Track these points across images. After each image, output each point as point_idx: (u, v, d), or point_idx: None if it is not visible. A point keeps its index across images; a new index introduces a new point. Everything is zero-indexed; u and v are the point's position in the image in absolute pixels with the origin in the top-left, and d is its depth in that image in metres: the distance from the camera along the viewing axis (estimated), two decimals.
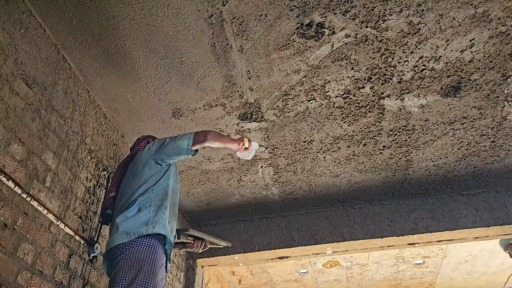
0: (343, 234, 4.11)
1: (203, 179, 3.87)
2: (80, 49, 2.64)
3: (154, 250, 1.99)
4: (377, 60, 2.67)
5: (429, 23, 2.43)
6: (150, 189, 2.20)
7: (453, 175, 3.74)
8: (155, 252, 1.99)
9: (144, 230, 2.01)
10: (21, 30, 2.26)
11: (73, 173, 2.60)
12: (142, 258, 1.93)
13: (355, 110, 3.05)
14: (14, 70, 2.16)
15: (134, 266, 1.90)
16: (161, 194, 2.21)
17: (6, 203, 1.99)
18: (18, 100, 2.17)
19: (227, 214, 4.45)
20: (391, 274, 6.29)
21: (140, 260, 1.92)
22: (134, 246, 1.96)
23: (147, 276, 1.88)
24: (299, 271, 6.14)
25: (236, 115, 3.12)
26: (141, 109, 3.10)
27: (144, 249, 1.96)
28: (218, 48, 2.60)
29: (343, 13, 2.38)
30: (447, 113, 3.06)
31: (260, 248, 4.26)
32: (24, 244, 2.09)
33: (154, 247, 2.00)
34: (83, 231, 2.64)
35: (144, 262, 1.92)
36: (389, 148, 3.42)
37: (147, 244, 1.99)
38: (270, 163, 3.64)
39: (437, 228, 3.87)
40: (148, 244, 1.99)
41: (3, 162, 2.00)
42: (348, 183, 3.90)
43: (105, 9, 2.38)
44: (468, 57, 2.63)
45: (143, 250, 1.96)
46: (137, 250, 1.95)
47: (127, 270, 1.89)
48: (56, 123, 2.48)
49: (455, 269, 6.13)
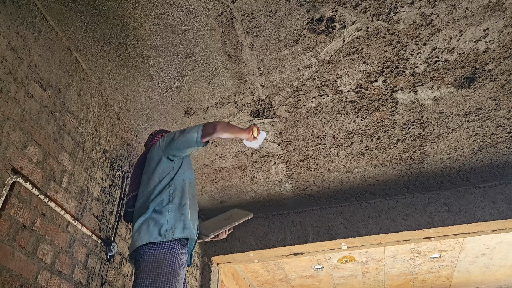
0: (358, 229, 4.09)
1: (216, 176, 3.89)
2: (92, 51, 2.66)
3: (175, 251, 2.02)
4: (389, 53, 2.64)
5: (441, 14, 2.39)
6: (167, 187, 2.20)
7: (469, 167, 3.69)
8: (175, 253, 2.01)
9: (164, 237, 2.01)
10: (34, 33, 2.29)
11: (89, 174, 2.63)
12: (162, 260, 1.96)
13: (367, 104, 3.02)
14: (29, 73, 2.19)
15: (155, 268, 1.93)
16: (179, 191, 2.21)
17: (24, 204, 2.03)
18: (33, 103, 2.20)
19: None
20: (407, 269, 6.24)
21: (160, 262, 1.95)
22: (154, 248, 1.99)
23: (167, 277, 1.92)
24: (314, 267, 6.13)
25: (248, 112, 3.12)
26: (154, 108, 3.11)
27: (164, 250, 1.99)
28: (228, 45, 2.60)
29: (354, 6, 2.36)
30: (461, 105, 3.02)
31: (275, 245, 4.26)
32: (43, 244, 2.12)
33: (175, 248, 2.03)
34: (99, 230, 2.67)
35: (164, 264, 1.94)
36: (403, 141, 3.39)
37: (168, 246, 2.01)
38: (283, 160, 3.64)
39: (453, 222, 3.83)
40: (168, 246, 2.02)
41: (21, 164, 2.03)
42: (362, 178, 3.88)
43: (116, 11, 2.40)
44: (482, 48, 2.59)
45: (164, 252, 1.98)
46: (157, 252, 1.98)
47: (148, 272, 1.93)
48: (70, 124, 2.51)
49: (473, 262, 6.05)
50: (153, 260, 1.95)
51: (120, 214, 2.93)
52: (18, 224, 1.97)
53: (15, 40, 2.12)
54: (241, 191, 4.12)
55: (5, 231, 1.88)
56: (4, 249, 1.86)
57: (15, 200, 1.96)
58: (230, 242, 4.41)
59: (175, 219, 2.10)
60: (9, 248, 1.89)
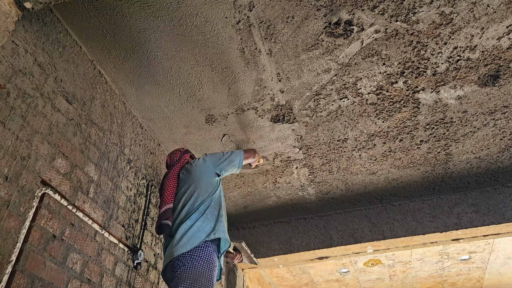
0: (383, 232, 4.04)
1: (239, 182, 3.91)
2: (114, 63, 2.73)
3: (212, 261, 2.14)
4: (409, 54, 2.61)
5: (462, 12, 2.35)
6: (209, 199, 2.40)
7: (497, 166, 3.60)
8: (213, 265, 2.14)
9: (206, 237, 2.20)
10: (59, 49, 2.37)
11: (114, 183, 2.69)
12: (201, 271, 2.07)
13: (388, 105, 2.99)
14: (55, 87, 2.27)
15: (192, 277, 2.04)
16: (217, 204, 2.43)
17: (54, 215, 2.09)
18: (60, 116, 2.27)
19: (264, 216, 4.47)
20: (436, 271, 6.11)
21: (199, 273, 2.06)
22: (194, 258, 2.10)
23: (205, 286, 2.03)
24: (340, 270, 6.07)
25: (268, 118, 3.14)
26: (175, 117, 3.16)
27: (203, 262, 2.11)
28: (247, 52, 2.62)
29: (371, 8, 2.35)
30: (486, 103, 2.95)
31: (299, 249, 4.25)
32: (72, 253, 2.18)
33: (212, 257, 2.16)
34: (126, 239, 2.72)
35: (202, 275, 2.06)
36: (426, 142, 3.33)
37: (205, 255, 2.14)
38: (304, 164, 3.63)
39: (482, 223, 3.73)
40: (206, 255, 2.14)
41: (49, 176, 2.10)
42: (386, 180, 3.83)
43: (136, 23, 2.45)
44: (506, 44, 2.53)
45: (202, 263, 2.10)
46: (196, 263, 2.09)
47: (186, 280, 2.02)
48: (96, 135, 2.57)
49: (504, 263, 5.88)
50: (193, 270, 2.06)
51: (145, 222, 2.98)
52: (49, 235, 2.03)
53: (41, 57, 2.19)
54: (264, 196, 4.13)
55: (36, 242, 1.95)
56: (36, 259, 1.93)
57: (45, 211, 2.03)
58: (254, 247, 4.42)
59: (215, 225, 2.32)
60: (40, 257, 1.95)
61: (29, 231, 1.91)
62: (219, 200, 2.48)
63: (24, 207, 1.90)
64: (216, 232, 2.28)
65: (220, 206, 2.46)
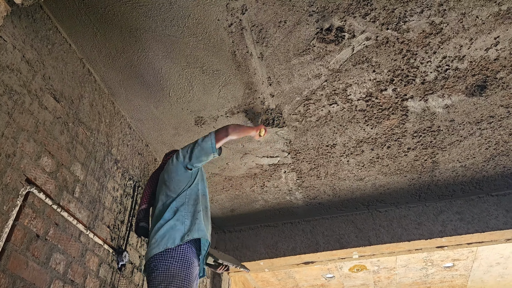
0: (369, 238, 4.06)
1: (226, 185, 3.90)
2: (104, 62, 2.70)
3: (187, 260, 2.06)
4: (399, 62, 2.64)
5: (451, 23, 2.39)
6: (183, 194, 2.29)
7: (482, 175, 3.65)
8: (188, 264, 2.05)
9: (179, 240, 2.10)
10: (48, 46, 2.34)
11: (101, 183, 2.66)
12: (175, 272, 2.00)
13: (377, 112, 3.02)
14: (43, 85, 2.24)
15: (167, 280, 1.97)
16: (193, 199, 2.30)
17: (38, 214, 2.05)
18: (47, 114, 2.23)
19: (251, 219, 4.46)
20: (420, 278, 6.16)
21: (173, 274, 1.99)
22: (168, 259, 2.03)
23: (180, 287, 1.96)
24: (325, 275, 6.08)
25: (258, 122, 3.13)
26: (164, 118, 3.14)
27: (177, 262, 2.03)
28: (238, 56, 2.62)
29: (363, 16, 2.37)
30: (473, 113, 3.00)
31: (285, 254, 4.25)
32: (55, 254, 2.15)
33: (188, 256, 2.07)
34: (111, 240, 2.69)
35: (176, 276, 1.99)
36: (414, 150, 3.37)
37: (180, 255, 2.05)
38: (293, 168, 3.64)
39: (466, 230, 3.78)
40: (181, 256, 2.05)
41: (34, 175, 2.07)
42: (373, 186, 3.85)
43: (127, 23, 2.44)
44: (493, 55, 2.57)
45: (176, 264, 2.02)
46: (170, 264, 2.02)
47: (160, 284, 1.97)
48: (83, 135, 2.54)
49: (487, 271, 5.95)
50: (167, 271, 1.99)
51: (131, 223, 2.95)
52: (32, 234, 2.00)
53: (29, 53, 2.16)
54: (251, 200, 4.12)
55: (19, 241, 1.91)
56: (18, 259, 1.89)
57: (29, 210, 2.00)
58: (240, 250, 4.41)
59: (191, 224, 2.20)
60: (23, 257, 1.92)
61: (12, 230, 1.88)
62: (195, 195, 2.33)
63: (7, 206, 1.87)
64: (191, 232, 2.16)
65: (197, 201, 2.31)
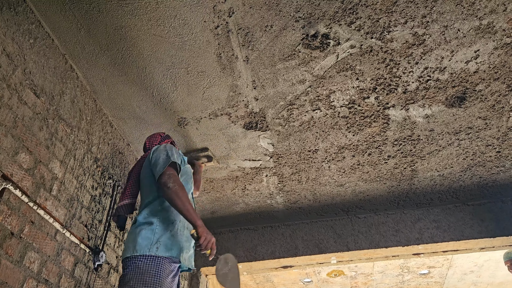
0: (347, 243, 4.09)
1: (207, 187, 3.88)
2: (87, 59, 2.67)
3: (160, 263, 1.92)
4: (382, 71, 2.68)
5: (434, 34, 2.44)
6: (155, 201, 2.12)
7: (459, 185, 3.73)
8: (161, 265, 1.92)
9: (148, 251, 1.92)
10: (30, 40, 2.30)
11: (79, 182, 2.62)
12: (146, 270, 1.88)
13: (360, 120, 3.05)
14: (23, 79, 2.19)
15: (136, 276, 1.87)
16: (167, 205, 2.09)
17: (13, 211, 2.01)
18: (26, 110, 2.19)
19: (232, 222, 4.45)
20: (396, 284, 6.24)
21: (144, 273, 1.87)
22: (139, 260, 1.92)
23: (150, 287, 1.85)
24: (303, 280, 6.10)
25: (241, 125, 3.14)
26: (147, 118, 3.12)
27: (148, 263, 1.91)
28: (224, 58, 2.62)
29: (348, 24, 2.40)
30: (452, 123, 3.06)
31: (264, 257, 4.24)
32: (30, 252, 2.10)
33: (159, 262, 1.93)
34: (88, 239, 2.65)
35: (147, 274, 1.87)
36: (394, 157, 3.42)
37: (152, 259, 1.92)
38: (274, 172, 3.65)
39: (442, 238, 3.85)
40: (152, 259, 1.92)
41: (11, 171, 2.02)
42: (353, 193, 3.89)
43: (112, 20, 2.41)
44: (473, 68, 2.64)
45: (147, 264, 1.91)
46: (141, 264, 1.90)
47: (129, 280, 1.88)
48: (63, 132, 2.50)
49: (461, 279, 6.07)
50: (137, 271, 1.89)
51: (109, 223, 2.91)
52: (6, 231, 1.95)
53: (10, 47, 2.12)
54: (232, 203, 4.11)
55: None
56: None
57: (3, 207, 1.95)
58: (219, 253, 4.38)
59: (161, 234, 1.99)
60: None
61: None
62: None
63: None
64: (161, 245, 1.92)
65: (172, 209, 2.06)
